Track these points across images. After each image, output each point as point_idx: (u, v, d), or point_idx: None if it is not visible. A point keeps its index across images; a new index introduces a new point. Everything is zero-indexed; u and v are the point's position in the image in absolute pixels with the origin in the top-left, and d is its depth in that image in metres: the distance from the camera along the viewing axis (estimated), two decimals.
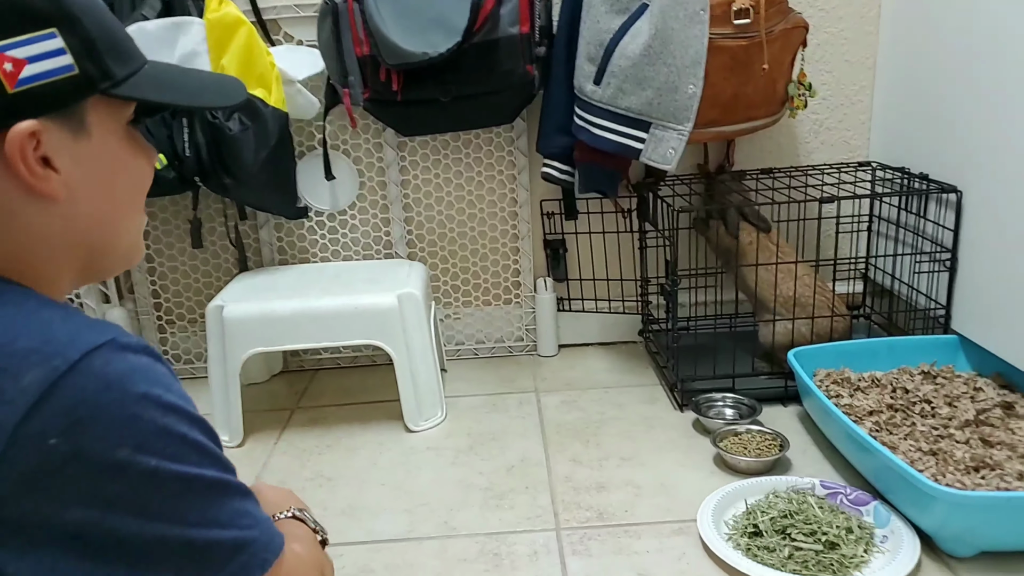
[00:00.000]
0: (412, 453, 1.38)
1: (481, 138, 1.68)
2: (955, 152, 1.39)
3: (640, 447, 1.35)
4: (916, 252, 1.50)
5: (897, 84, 1.58)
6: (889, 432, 1.21)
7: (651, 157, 1.36)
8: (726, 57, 1.34)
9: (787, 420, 1.41)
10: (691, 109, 1.33)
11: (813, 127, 1.69)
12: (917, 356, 1.43)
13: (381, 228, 1.73)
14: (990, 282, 1.31)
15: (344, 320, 1.40)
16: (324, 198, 1.71)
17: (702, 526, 1.08)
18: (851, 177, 1.60)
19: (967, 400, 1.27)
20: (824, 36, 1.63)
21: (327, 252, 1.75)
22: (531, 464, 1.32)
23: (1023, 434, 1.16)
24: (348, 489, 1.28)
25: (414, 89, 1.47)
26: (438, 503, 1.22)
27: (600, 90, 1.36)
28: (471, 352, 1.80)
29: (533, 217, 1.73)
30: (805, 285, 1.48)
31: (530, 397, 1.58)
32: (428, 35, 1.41)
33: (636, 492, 1.22)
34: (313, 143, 1.68)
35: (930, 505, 0.99)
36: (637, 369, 1.68)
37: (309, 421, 1.53)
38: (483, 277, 1.77)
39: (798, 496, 1.12)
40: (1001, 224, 1.27)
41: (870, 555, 1.01)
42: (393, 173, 1.68)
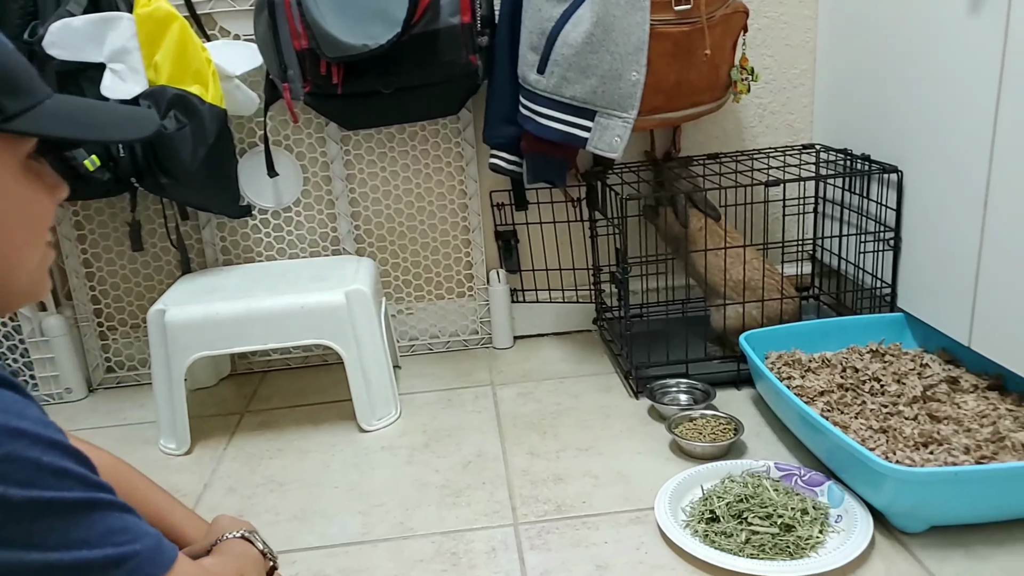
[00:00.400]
0: (366, 453, 1.36)
1: (427, 130, 1.65)
2: (895, 132, 1.40)
3: (597, 436, 1.35)
4: (861, 232, 1.52)
5: (837, 67, 1.59)
6: (840, 411, 1.22)
7: (597, 145, 1.35)
8: (668, 43, 1.33)
9: (741, 403, 1.42)
10: (635, 96, 1.32)
11: (757, 111, 1.70)
12: (865, 335, 1.45)
13: (327, 224, 1.70)
14: (932, 259, 1.33)
15: (291, 320, 1.36)
16: (267, 195, 1.67)
17: (659, 514, 1.08)
18: (796, 160, 1.61)
19: (915, 377, 1.30)
20: (764, 21, 1.64)
21: (272, 251, 1.70)
22: (488, 459, 1.31)
23: (968, 408, 1.18)
24: (300, 493, 1.25)
25: (355, 82, 1.44)
26: (393, 503, 1.20)
27: (544, 79, 1.35)
28: (425, 347, 1.78)
29: (483, 209, 1.71)
30: (754, 269, 1.49)
31: (486, 391, 1.57)
32: (367, 27, 1.37)
33: (594, 482, 1.21)
34: (254, 139, 1.64)
35: (881, 483, 1.00)
36: (592, 358, 1.68)
37: (259, 425, 1.49)
38: (435, 271, 1.75)
39: (753, 480, 1.13)
40: (939, 202, 1.29)
41: (825, 535, 1.02)
42: (338, 168, 1.65)
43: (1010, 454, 1.05)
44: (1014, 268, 1.12)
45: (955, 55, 1.21)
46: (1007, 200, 1.13)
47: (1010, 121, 1.10)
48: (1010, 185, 1.12)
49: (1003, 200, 1.13)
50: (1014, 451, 1.05)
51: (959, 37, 1.20)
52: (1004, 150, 1.12)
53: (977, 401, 1.20)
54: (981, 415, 1.16)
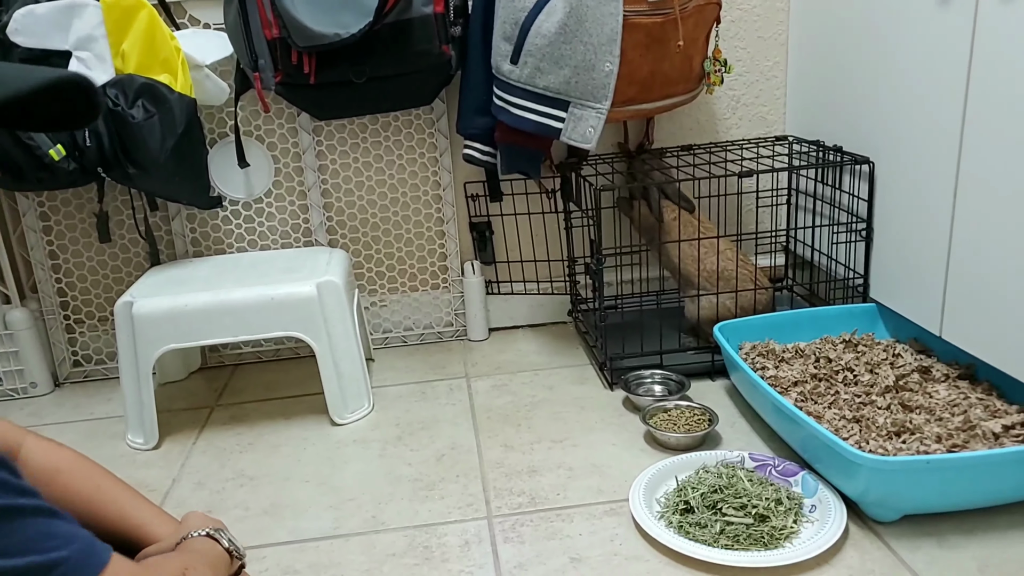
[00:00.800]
0: (338, 447, 1.34)
1: (400, 120, 1.64)
2: (866, 124, 1.41)
3: (571, 428, 1.34)
4: (834, 223, 1.53)
5: (809, 59, 1.59)
6: (814, 401, 1.23)
7: (571, 136, 1.34)
8: (641, 34, 1.32)
9: (715, 394, 1.43)
10: (608, 87, 1.31)
11: (731, 103, 1.70)
12: (839, 325, 1.45)
13: (299, 215, 1.67)
14: (903, 250, 1.34)
15: (261, 312, 1.34)
16: (238, 186, 1.64)
17: (634, 505, 1.07)
18: (769, 151, 1.62)
19: (887, 366, 1.30)
20: (737, 13, 1.64)
21: (243, 242, 1.68)
22: (462, 451, 1.30)
23: (939, 397, 1.19)
24: (271, 488, 1.23)
25: (327, 71, 1.42)
26: (365, 497, 1.19)
27: (517, 69, 1.34)
28: (399, 340, 1.76)
29: (457, 200, 1.70)
30: (728, 259, 1.49)
31: (460, 383, 1.55)
32: (339, 16, 1.35)
33: (568, 474, 1.21)
34: (225, 130, 1.61)
35: (854, 472, 1.00)
36: (567, 350, 1.67)
37: (230, 419, 1.47)
38: (408, 262, 1.73)
39: (728, 470, 1.13)
40: (910, 193, 1.30)
41: (799, 525, 1.03)
42: (310, 158, 1.63)
43: (980, 442, 1.06)
44: (983, 259, 1.13)
45: (925, 48, 1.22)
46: (976, 192, 1.13)
47: (978, 113, 1.11)
48: (978, 176, 1.12)
49: (972, 192, 1.14)
50: (984, 439, 1.06)
51: (928, 30, 1.20)
52: (972, 141, 1.13)
53: (948, 390, 1.21)
54: (952, 404, 1.17)
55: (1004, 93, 1.06)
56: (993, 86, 1.08)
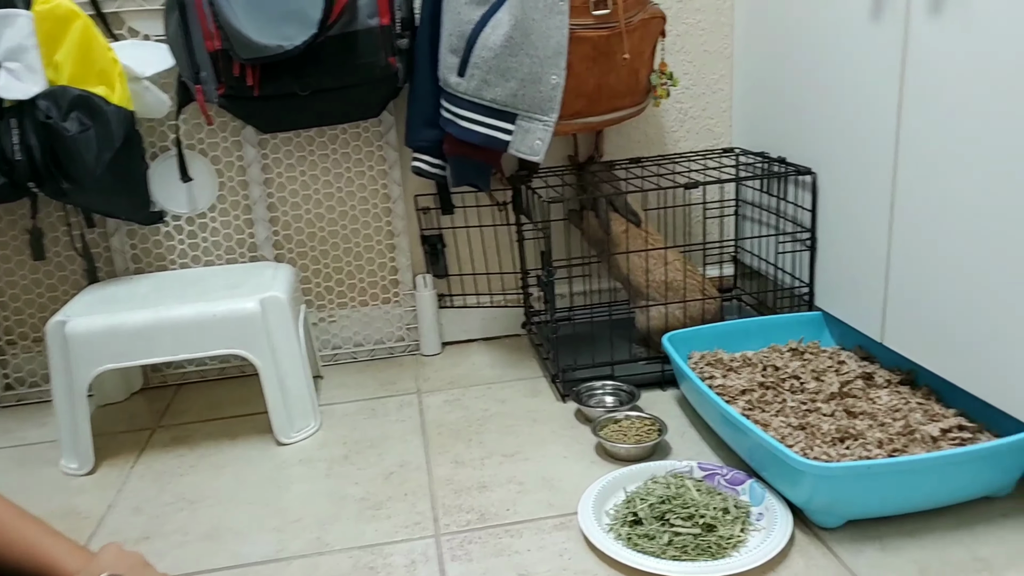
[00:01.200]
0: (283, 467, 1.31)
1: (348, 133, 1.62)
2: (808, 135, 1.43)
3: (523, 442, 1.33)
4: (779, 233, 1.55)
5: (753, 72, 1.62)
6: (761, 410, 1.23)
7: (519, 148, 1.34)
8: (588, 47, 1.33)
9: (666, 404, 1.43)
10: (555, 100, 1.31)
11: (678, 116, 1.72)
12: (785, 334, 1.47)
13: (244, 230, 1.64)
14: (845, 259, 1.36)
15: (202, 330, 1.31)
16: (181, 201, 1.60)
17: (583, 519, 1.07)
18: (716, 163, 1.63)
19: (832, 373, 1.32)
20: (683, 27, 1.66)
21: (187, 258, 1.64)
22: (411, 469, 1.28)
23: (882, 403, 1.21)
24: (212, 511, 1.19)
25: (271, 84, 1.39)
26: (310, 518, 1.16)
27: (464, 82, 1.33)
28: (349, 356, 1.74)
29: (408, 213, 1.68)
30: (676, 270, 1.50)
31: (411, 399, 1.53)
32: (282, 27, 1.33)
33: (519, 489, 1.19)
34: (166, 143, 1.57)
35: (798, 479, 1.01)
36: (521, 362, 1.66)
37: (171, 440, 1.43)
38: (358, 277, 1.71)
39: (676, 480, 1.12)
40: (851, 203, 1.32)
41: (746, 534, 1.03)
42: (255, 172, 1.60)
43: (920, 446, 1.07)
44: (920, 267, 1.16)
45: (859, 60, 1.24)
46: (911, 201, 1.16)
47: (911, 124, 1.14)
48: (914, 186, 1.15)
49: (908, 201, 1.17)
50: (923, 443, 1.08)
51: (862, 43, 1.23)
52: (907, 152, 1.15)
53: (890, 396, 1.22)
54: (894, 409, 1.18)
55: (935, 104, 1.08)
56: (924, 97, 1.10)
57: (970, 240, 1.05)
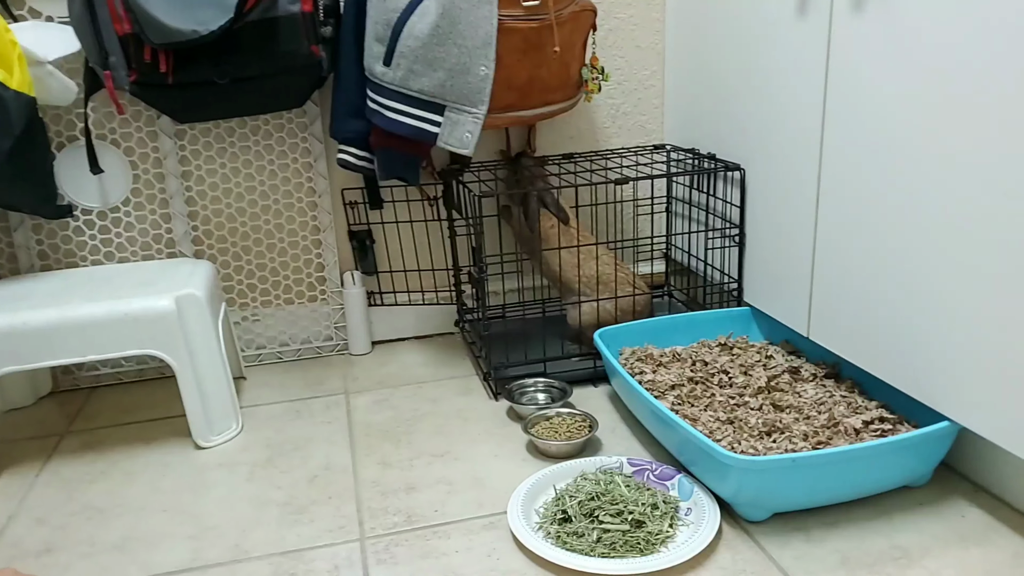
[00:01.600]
0: (201, 472, 1.25)
1: (271, 124, 1.56)
2: (737, 131, 1.44)
3: (453, 441, 1.30)
4: (709, 229, 1.55)
5: (683, 68, 1.63)
6: (691, 404, 1.23)
7: (448, 141, 1.31)
8: (518, 39, 1.31)
9: (598, 400, 1.42)
10: (484, 91, 1.29)
11: (610, 112, 1.72)
12: (715, 329, 1.48)
13: (161, 225, 1.57)
14: (773, 255, 1.37)
15: (112, 329, 1.24)
16: (92, 194, 1.52)
17: (512, 518, 1.04)
18: (647, 159, 1.63)
19: (760, 368, 1.33)
20: (615, 22, 1.66)
21: (99, 254, 1.56)
22: (336, 472, 1.23)
23: (808, 397, 1.22)
24: (122, 520, 1.13)
25: (186, 71, 1.33)
26: (229, 525, 1.11)
27: (391, 72, 1.29)
28: (274, 356, 1.68)
29: (335, 207, 1.63)
30: (605, 264, 1.49)
31: (339, 399, 1.49)
32: (196, 11, 1.27)
33: (447, 489, 1.17)
34: (75, 132, 1.49)
35: (726, 473, 1.01)
36: (453, 361, 1.63)
37: (81, 446, 1.35)
38: (283, 274, 1.65)
39: (605, 476, 1.11)
40: (777, 199, 1.33)
41: (675, 529, 1.02)
42: (171, 164, 1.53)
43: (843, 438, 1.09)
44: (843, 263, 1.17)
45: (786, 56, 1.25)
46: (836, 197, 1.17)
47: (836, 119, 1.15)
48: (838, 182, 1.16)
49: (832, 197, 1.18)
50: (846, 435, 1.09)
51: (788, 39, 1.24)
52: (832, 148, 1.17)
53: (816, 389, 1.24)
54: (819, 402, 1.20)
55: (858, 100, 1.10)
56: (848, 93, 1.12)
57: (890, 237, 1.07)
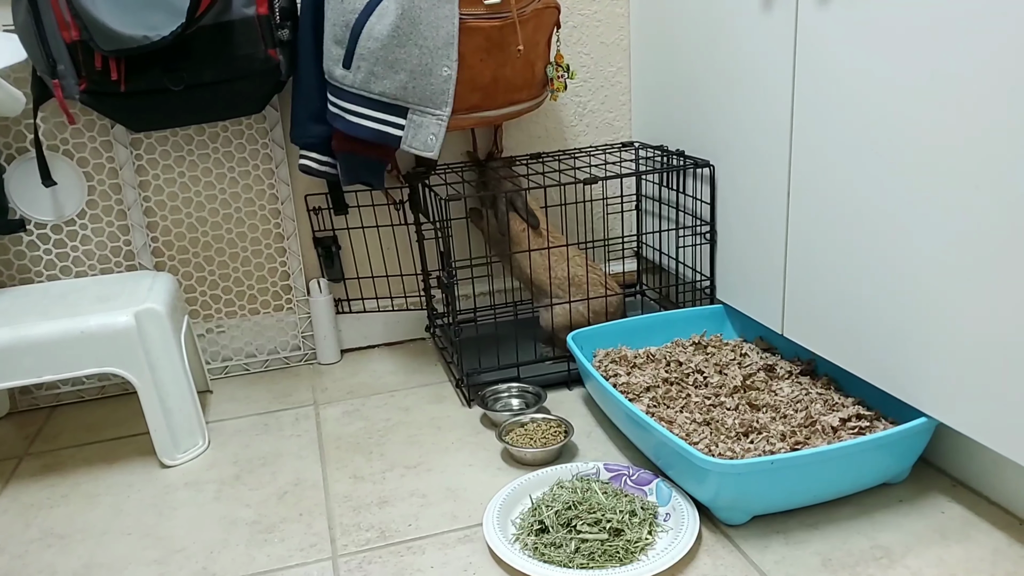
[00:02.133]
0: (167, 492, 1.21)
1: (230, 131, 1.52)
2: (705, 128, 1.43)
3: (426, 452, 1.28)
4: (680, 227, 1.54)
5: (650, 65, 1.61)
6: (666, 406, 1.22)
7: (412, 144, 1.28)
8: (481, 38, 1.28)
9: (572, 403, 1.40)
10: (447, 93, 1.26)
11: (577, 110, 1.70)
12: (688, 328, 1.46)
13: (119, 237, 1.52)
14: (745, 251, 1.36)
15: (69, 348, 1.19)
16: (45, 207, 1.47)
17: (487, 530, 1.02)
18: (616, 157, 1.62)
19: (735, 366, 1.32)
20: (579, 18, 1.63)
21: (55, 269, 1.51)
22: (306, 487, 1.20)
23: (783, 395, 1.21)
24: (84, 545, 1.09)
25: (139, 78, 1.29)
26: (196, 547, 1.07)
27: (351, 74, 1.26)
28: (241, 368, 1.64)
29: (299, 214, 1.60)
30: (577, 266, 1.47)
31: (308, 411, 1.45)
32: (147, 16, 1.23)
33: (421, 502, 1.14)
34: (25, 144, 1.44)
35: (704, 478, 0.99)
36: (425, 368, 1.60)
37: (41, 469, 1.31)
38: (247, 283, 1.61)
39: (582, 484, 1.09)
40: (748, 195, 1.32)
41: (654, 536, 1.00)
42: (128, 174, 1.48)
43: (820, 437, 1.08)
44: (815, 258, 1.16)
45: (752, 51, 1.24)
46: (806, 192, 1.16)
47: (804, 114, 1.14)
48: (808, 177, 1.15)
49: (803, 192, 1.17)
50: (824, 434, 1.08)
51: (754, 34, 1.23)
52: (801, 143, 1.16)
53: (791, 387, 1.23)
54: (795, 400, 1.19)
55: (826, 94, 1.09)
56: (816, 86, 1.11)
57: (862, 231, 1.06)
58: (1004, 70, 0.82)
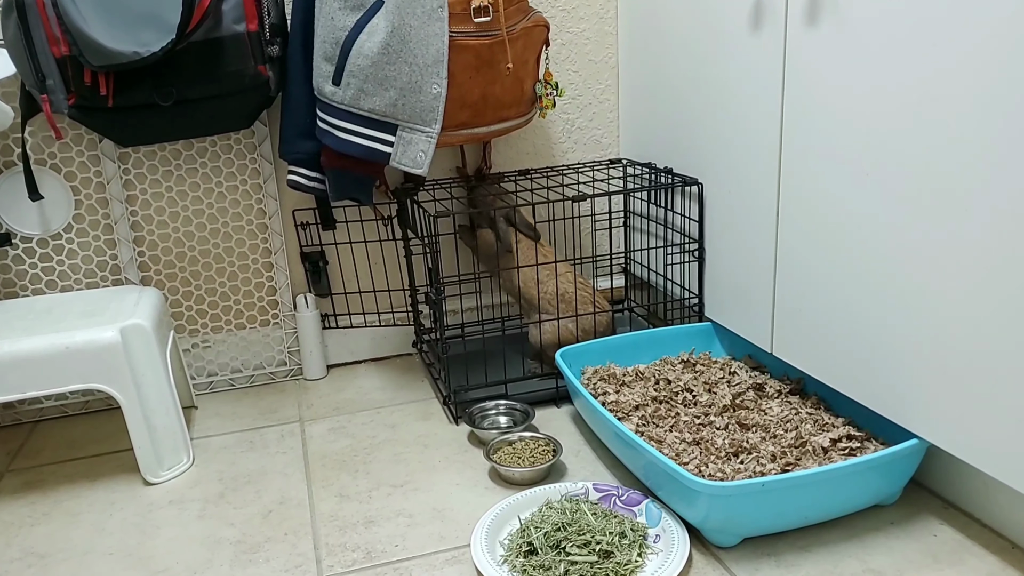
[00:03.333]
0: (150, 510, 1.20)
1: (218, 145, 1.51)
2: (693, 145, 1.43)
3: (413, 470, 1.27)
4: (668, 244, 1.54)
5: (638, 83, 1.62)
6: (656, 425, 1.21)
7: (401, 161, 1.28)
8: (470, 56, 1.28)
9: (561, 421, 1.39)
10: (437, 110, 1.26)
11: (566, 127, 1.70)
12: (677, 345, 1.46)
13: (106, 251, 1.51)
14: (733, 269, 1.36)
15: (53, 364, 1.18)
16: (32, 221, 1.46)
17: (475, 552, 1.01)
18: (604, 175, 1.62)
19: (724, 385, 1.32)
20: (568, 36, 1.64)
21: (40, 283, 1.49)
22: (291, 506, 1.19)
23: (773, 414, 1.21)
24: (66, 565, 1.07)
25: (128, 93, 1.28)
26: (179, 567, 1.06)
27: (340, 91, 1.26)
28: (227, 383, 1.62)
29: (286, 229, 1.59)
30: (567, 283, 1.47)
31: (293, 428, 1.44)
32: (137, 32, 1.23)
33: (408, 522, 1.13)
34: (12, 158, 1.43)
35: (694, 499, 0.99)
36: (412, 384, 1.59)
37: (23, 486, 1.29)
38: (233, 298, 1.60)
39: (571, 505, 1.08)
40: (737, 213, 1.32)
41: (644, 558, 1.00)
42: (115, 188, 1.47)
43: (811, 459, 1.07)
44: (805, 276, 1.16)
45: (741, 70, 1.25)
46: (795, 210, 1.16)
47: (793, 133, 1.14)
48: (797, 195, 1.16)
49: (792, 210, 1.17)
50: (815, 455, 1.08)
51: (743, 53, 1.23)
52: (790, 161, 1.16)
53: (781, 406, 1.23)
54: (785, 420, 1.19)
55: (814, 112, 1.09)
56: (805, 105, 1.11)
57: (852, 250, 1.06)
58: (993, 90, 0.83)
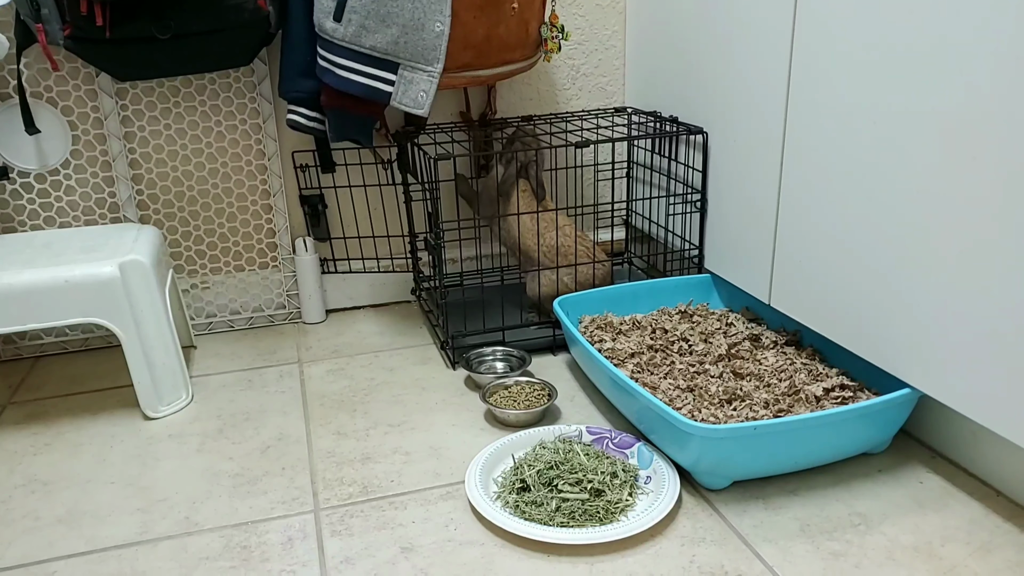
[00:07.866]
0: (150, 443, 1.21)
1: (218, 83, 1.49)
2: (699, 94, 1.42)
3: (410, 411, 1.28)
4: (671, 195, 1.54)
5: (645, 28, 1.59)
6: (650, 372, 1.22)
7: (402, 101, 1.27)
8: None
9: (557, 368, 1.40)
10: (440, 49, 1.24)
11: (570, 73, 1.68)
12: (675, 296, 1.47)
13: (104, 188, 1.50)
14: (735, 221, 1.36)
15: (52, 297, 1.18)
16: (29, 156, 1.45)
17: (469, 487, 1.03)
18: (608, 122, 1.60)
19: (720, 335, 1.32)
20: None
21: (39, 219, 1.49)
22: (290, 442, 1.20)
23: (768, 364, 1.22)
24: (68, 493, 1.09)
25: (125, 25, 1.26)
26: (179, 497, 1.07)
27: (341, 28, 1.24)
28: (226, 324, 1.63)
29: (286, 171, 1.58)
30: (566, 235, 1.46)
31: (292, 369, 1.45)
32: None
33: (404, 459, 1.14)
34: (8, 90, 1.41)
35: (686, 442, 1.00)
36: (410, 330, 1.60)
37: (25, 418, 1.30)
38: (232, 239, 1.60)
39: (564, 445, 1.10)
40: (740, 163, 1.31)
41: (634, 498, 1.01)
42: (113, 124, 1.45)
43: (804, 406, 1.09)
44: (806, 229, 1.16)
45: (750, 17, 1.23)
46: (799, 162, 1.16)
47: (801, 82, 1.13)
48: (802, 147, 1.15)
49: (796, 162, 1.17)
50: (807, 403, 1.09)
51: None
52: (796, 112, 1.15)
53: (776, 357, 1.24)
54: (779, 370, 1.20)
55: (825, 60, 1.08)
56: (814, 54, 1.10)
57: (854, 202, 1.06)
58: (1006, 38, 0.82)
